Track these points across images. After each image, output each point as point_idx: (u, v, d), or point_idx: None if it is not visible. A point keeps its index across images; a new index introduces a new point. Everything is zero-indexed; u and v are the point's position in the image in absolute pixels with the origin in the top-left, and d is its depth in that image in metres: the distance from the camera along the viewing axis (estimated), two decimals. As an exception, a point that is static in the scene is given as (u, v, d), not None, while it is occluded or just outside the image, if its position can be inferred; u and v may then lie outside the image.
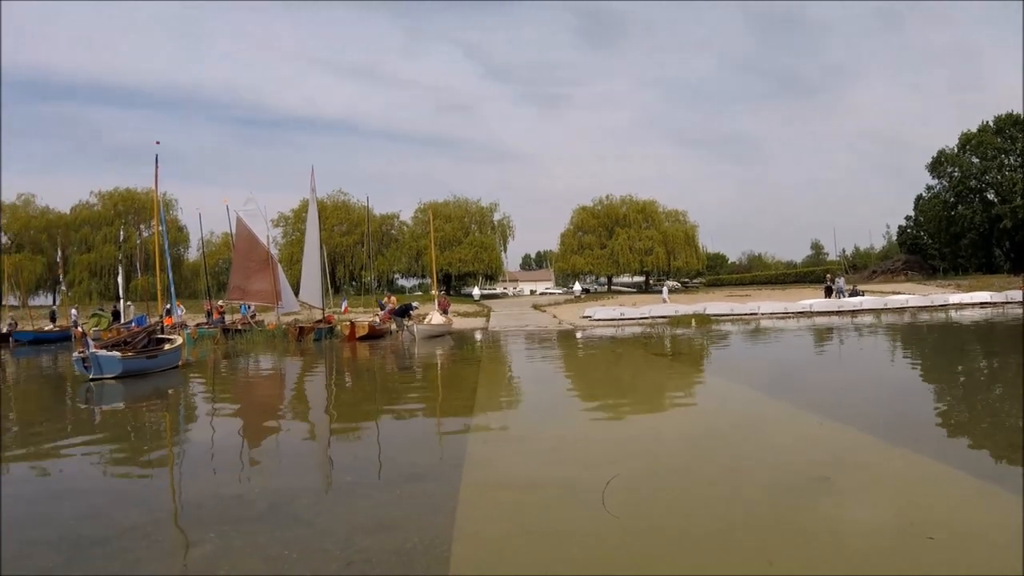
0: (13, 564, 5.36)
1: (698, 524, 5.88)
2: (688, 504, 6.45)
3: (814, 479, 7.00)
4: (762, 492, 6.67)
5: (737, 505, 6.32)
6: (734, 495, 6.63)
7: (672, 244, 74.19)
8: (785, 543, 5.34)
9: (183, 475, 8.76)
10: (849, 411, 10.46)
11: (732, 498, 6.54)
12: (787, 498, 6.47)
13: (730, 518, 5.98)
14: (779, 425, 10.16)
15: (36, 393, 18.67)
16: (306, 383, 19.41)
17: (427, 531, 5.77)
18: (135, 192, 69.91)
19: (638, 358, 21.47)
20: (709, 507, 6.33)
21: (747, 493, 6.66)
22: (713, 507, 6.31)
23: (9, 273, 56.29)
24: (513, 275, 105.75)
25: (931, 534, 5.38)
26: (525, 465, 8.27)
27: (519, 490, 7.10)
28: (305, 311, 37.61)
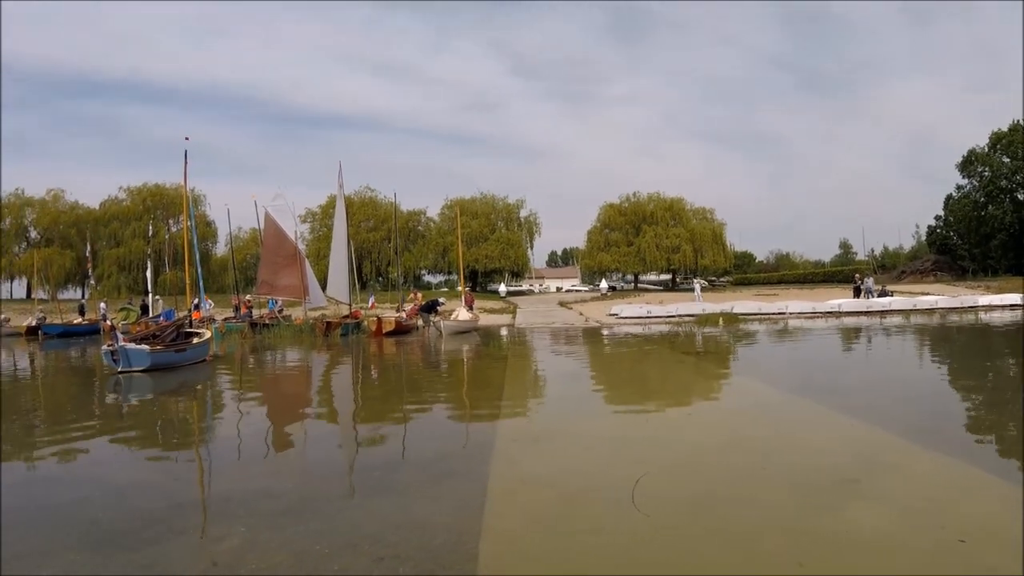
0: (40, 557, 5.38)
1: (727, 524, 5.81)
2: (717, 504, 6.37)
3: (843, 481, 6.91)
4: (791, 493, 6.59)
5: (766, 506, 6.24)
6: (762, 496, 6.55)
7: (699, 242, 73.74)
8: (814, 545, 5.27)
9: (210, 468, 8.79)
10: (878, 413, 10.35)
11: (761, 499, 6.46)
12: (816, 499, 6.38)
13: (759, 519, 5.91)
14: (807, 426, 10.04)
15: (65, 385, 18.87)
16: (333, 378, 19.50)
17: (455, 528, 5.75)
18: (164, 188, 70.63)
19: (665, 356, 21.34)
20: (738, 507, 6.24)
21: (776, 494, 6.58)
22: (742, 507, 6.24)
23: (38, 267, 57.09)
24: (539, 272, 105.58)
25: (962, 537, 5.30)
26: (553, 462, 8.23)
27: (547, 487, 7.05)
28: (332, 306, 37.79)
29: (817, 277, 79.35)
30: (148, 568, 5.06)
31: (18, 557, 5.38)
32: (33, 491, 7.59)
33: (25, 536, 5.86)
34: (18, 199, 69.60)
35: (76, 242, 66.04)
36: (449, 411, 12.85)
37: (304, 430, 11.43)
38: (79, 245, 62.84)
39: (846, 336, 26.03)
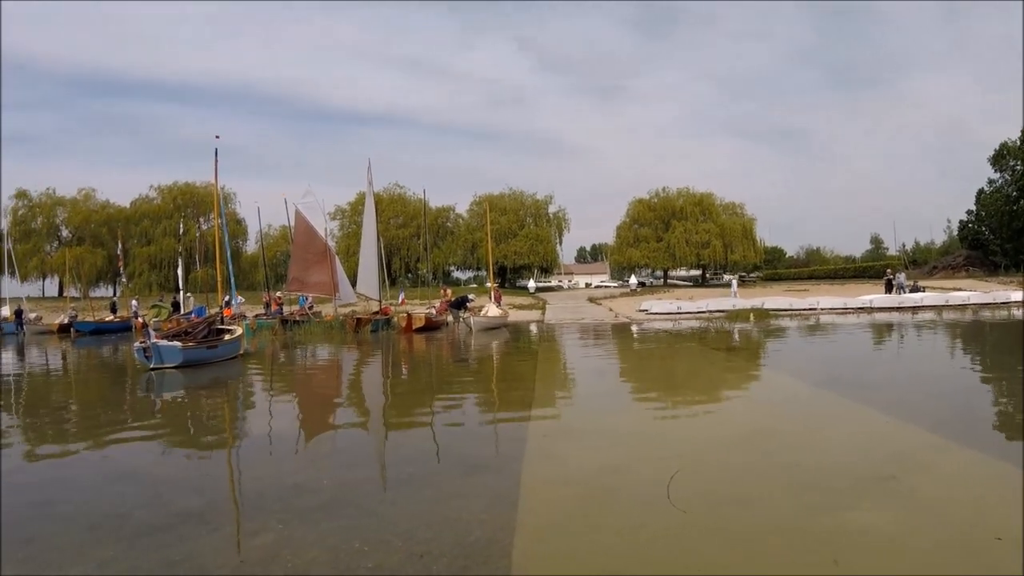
0: (74, 552, 5.40)
1: (763, 521, 5.70)
2: (752, 500, 6.26)
3: (879, 478, 6.79)
4: (826, 489, 6.46)
5: (801, 502, 6.14)
6: (798, 492, 6.44)
7: (729, 237, 73.28)
8: (850, 542, 5.15)
9: (243, 464, 8.81)
10: (912, 409, 10.24)
11: (796, 495, 6.36)
12: (851, 496, 6.24)
13: (794, 515, 5.82)
14: (841, 422, 9.88)
15: (97, 382, 19.08)
16: (364, 374, 19.54)
17: (489, 524, 5.69)
18: (194, 186, 71.34)
19: (696, 352, 21.17)
20: (773, 503, 6.15)
21: (811, 490, 6.46)
22: (777, 504, 6.14)
23: (70, 266, 57.85)
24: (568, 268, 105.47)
25: (998, 535, 5.16)
26: (586, 458, 8.14)
27: (581, 483, 6.98)
28: (362, 302, 37.94)
29: (848, 272, 78.39)
30: (181, 564, 5.05)
31: (52, 552, 5.40)
32: (67, 486, 7.64)
33: (59, 532, 5.88)
34: (50, 198, 70.58)
35: (107, 240, 66.93)
36: (480, 407, 12.80)
37: (336, 426, 11.45)
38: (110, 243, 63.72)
39: (878, 332, 25.72)
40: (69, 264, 58.10)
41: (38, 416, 13.09)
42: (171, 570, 4.95)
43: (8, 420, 12.77)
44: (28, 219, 69.55)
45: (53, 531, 5.90)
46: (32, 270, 65.70)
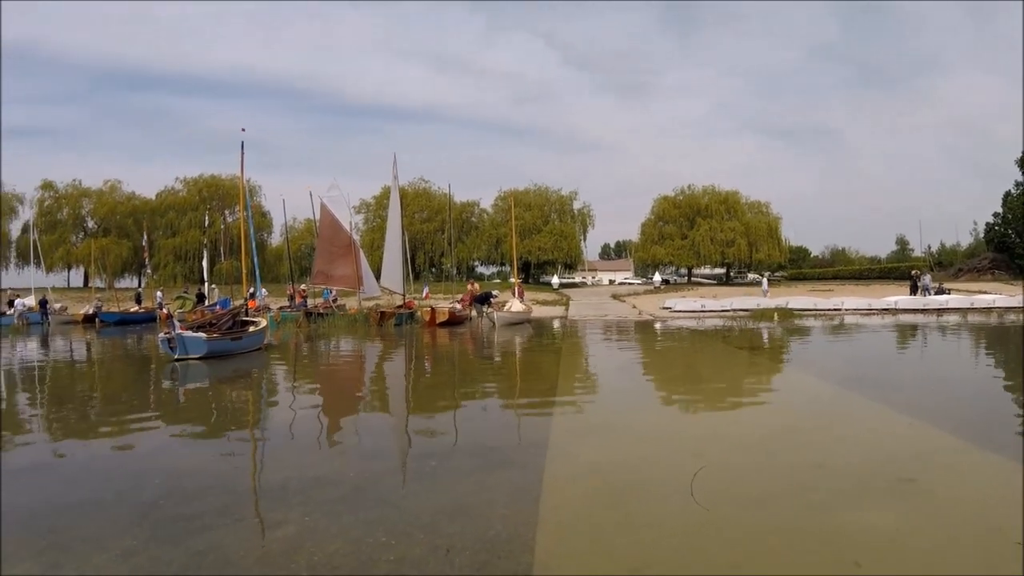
0: (96, 542, 5.42)
1: (786, 520, 5.66)
2: (774, 499, 6.21)
3: (899, 480, 6.72)
4: (847, 491, 6.40)
5: (822, 503, 6.07)
6: (819, 493, 6.37)
7: (754, 236, 72.83)
8: (870, 544, 5.09)
9: (265, 455, 8.84)
10: (934, 411, 10.15)
11: (817, 496, 6.29)
12: (872, 498, 6.17)
13: (816, 516, 5.77)
14: (863, 423, 9.77)
15: (121, 372, 19.21)
16: (387, 367, 19.59)
17: (511, 519, 5.67)
18: (219, 179, 71.85)
19: (719, 351, 21.03)
20: (796, 504, 6.10)
21: (832, 491, 6.39)
22: (800, 504, 6.09)
23: (95, 257, 58.44)
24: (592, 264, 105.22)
25: (1019, 539, 5.08)
26: (609, 454, 8.11)
27: (604, 479, 6.95)
28: (386, 296, 38.05)
29: (873, 273, 77.51)
30: (204, 555, 5.07)
31: (74, 542, 5.44)
32: (90, 476, 7.71)
33: (81, 521, 5.93)
34: (76, 190, 71.32)
35: (133, 232, 67.49)
36: (503, 401, 12.79)
37: (359, 418, 11.50)
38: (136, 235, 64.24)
39: (902, 334, 25.42)
40: (94, 255, 58.62)
41: (62, 406, 13.21)
42: (193, 560, 4.97)
43: (33, 410, 12.94)
44: (54, 210, 70.37)
45: (75, 521, 5.94)
46: (58, 261, 66.47)
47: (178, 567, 4.86)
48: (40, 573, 4.85)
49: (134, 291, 53.40)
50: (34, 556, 5.13)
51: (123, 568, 4.88)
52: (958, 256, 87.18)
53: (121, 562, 4.99)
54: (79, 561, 5.03)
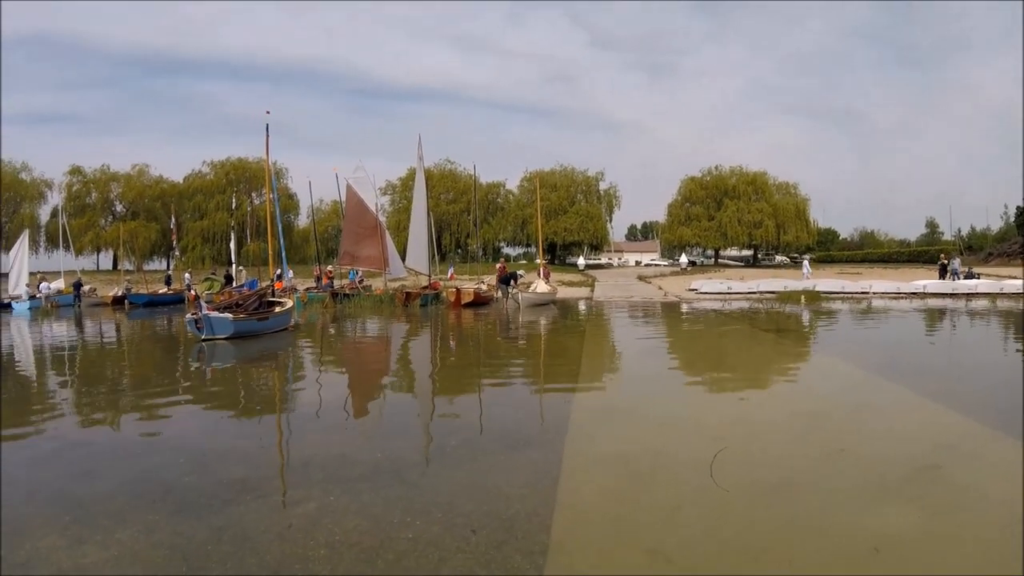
0: (118, 517, 5.53)
1: (805, 506, 5.64)
2: (795, 484, 6.18)
3: (924, 467, 6.66)
4: (869, 477, 6.33)
5: (843, 489, 6.02)
6: (840, 478, 6.32)
7: (782, 218, 72.08)
8: (891, 532, 5.04)
9: (289, 433, 8.94)
10: (960, 398, 9.98)
11: (839, 481, 6.24)
12: (895, 485, 6.11)
13: (837, 501, 5.72)
14: (888, 408, 9.67)
15: (150, 353, 19.46)
16: (411, 347, 19.68)
17: (529, 499, 5.70)
18: (246, 161, 72.27)
19: (744, 333, 20.90)
20: (816, 489, 6.07)
21: (854, 477, 6.34)
22: (820, 489, 6.05)
23: (124, 239, 59.17)
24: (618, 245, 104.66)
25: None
26: (630, 436, 8.11)
27: (623, 461, 6.95)
28: (412, 277, 38.18)
29: (902, 256, 76.38)
30: (225, 530, 5.15)
31: (98, 516, 5.55)
32: (116, 454, 7.84)
33: (106, 497, 6.04)
34: (104, 174, 72.21)
35: (161, 215, 68.24)
36: (526, 383, 12.81)
37: (382, 398, 11.57)
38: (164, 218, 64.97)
39: (930, 318, 25.08)
40: (123, 238, 59.36)
41: (91, 385, 13.43)
42: (214, 535, 5.05)
43: (62, 389, 13.17)
44: (82, 194, 71.30)
45: (100, 496, 6.06)
46: (87, 244, 67.30)
47: (199, 542, 4.94)
48: (64, 546, 4.94)
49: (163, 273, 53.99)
50: (59, 531, 5.23)
51: (145, 542, 4.98)
52: (988, 240, 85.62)
53: (144, 537, 5.08)
54: (102, 535, 5.12)
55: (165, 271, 57.08)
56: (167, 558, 4.72)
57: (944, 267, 41.57)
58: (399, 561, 4.55)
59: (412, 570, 4.42)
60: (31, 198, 69.74)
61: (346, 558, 4.62)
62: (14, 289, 40.52)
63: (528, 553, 4.64)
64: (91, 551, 4.84)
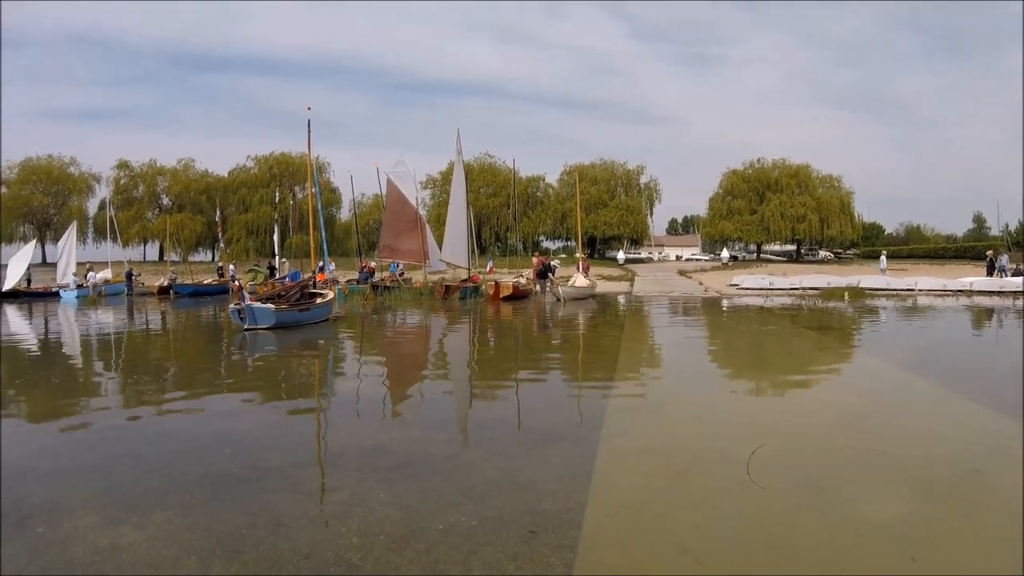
0: (156, 497, 5.67)
1: (840, 506, 5.54)
2: (832, 485, 6.07)
3: (964, 471, 6.49)
4: (907, 480, 6.22)
5: (880, 491, 5.91)
6: (878, 480, 6.22)
7: (826, 211, 70.70)
8: (928, 536, 4.97)
9: (327, 422, 9.06)
10: (1005, 400, 9.69)
11: (876, 483, 6.14)
12: (934, 488, 6.00)
13: (873, 504, 5.60)
14: (929, 410, 9.48)
15: (194, 341, 19.83)
16: (450, 340, 19.77)
17: (561, 494, 5.68)
18: (289, 156, 73.09)
19: (786, 330, 20.65)
20: (854, 489, 5.96)
21: (891, 479, 6.23)
22: (858, 490, 5.94)
23: (171, 231, 60.35)
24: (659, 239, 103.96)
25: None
26: (665, 433, 8.08)
27: (658, 458, 6.92)
28: (451, 270, 38.31)
29: (948, 252, 74.50)
30: (259, 515, 5.23)
31: (136, 497, 5.69)
32: (158, 438, 8.02)
33: (144, 479, 6.20)
34: (151, 168, 73.74)
35: (206, 208, 69.16)
36: (562, 376, 12.81)
37: (420, 389, 11.64)
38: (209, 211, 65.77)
39: (977, 317, 24.48)
40: (170, 230, 60.54)
41: (136, 370, 13.73)
42: (248, 520, 5.13)
43: (108, 374, 13.47)
44: (129, 188, 73.00)
45: (139, 478, 6.22)
46: (134, 236, 68.57)
47: (233, 526, 5.03)
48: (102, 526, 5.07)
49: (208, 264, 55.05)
50: (97, 510, 5.38)
51: (181, 524, 5.09)
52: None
53: (180, 519, 5.20)
54: (139, 515, 5.25)
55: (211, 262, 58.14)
56: (202, 540, 4.81)
57: (992, 264, 40.59)
58: (429, 552, 4.56)
59: (442, 561, 4.43)
60: (79, 191, 71.73)
61: (377, 546, 4.66)
62: (62, 278, 41.66)
63: (558, 548, 4.63)
64: (128, 531, 4.95)
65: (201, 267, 55.25)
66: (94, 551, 4.64)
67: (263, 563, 4.44)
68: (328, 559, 4.48)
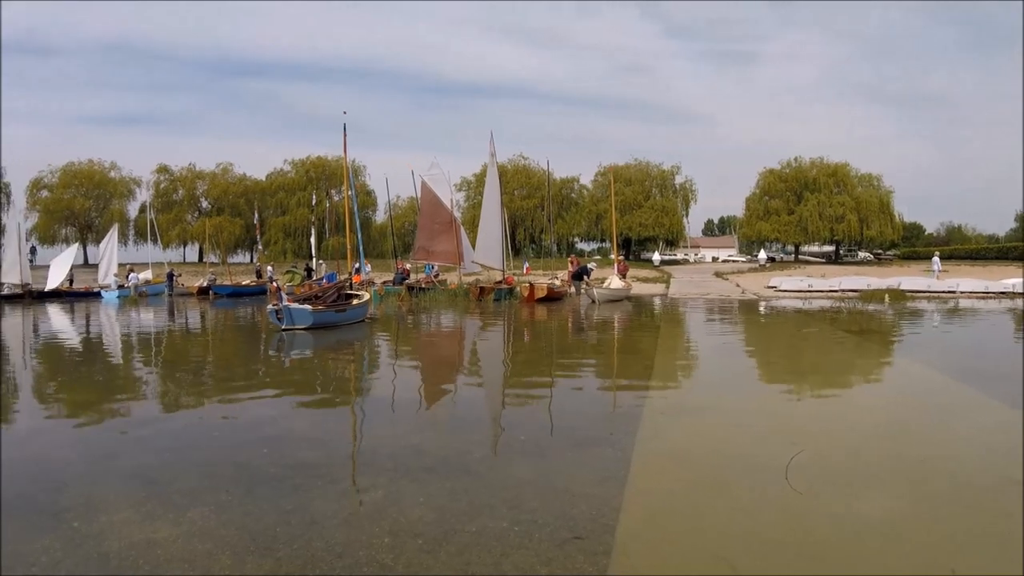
0: (192, 494, 5.72)
1: (880, 512, 5.40)
2: (871, 492, 5.94)
3: (1005, 480, 6.27)
4: (947, 488, 6.07)
5: (920, 499, 5.78)
6: (918, 488, 6.07)
7: (865, 211, 69.49)
8: (969, 546, 4.83)
9: (362, 422, 9.09)
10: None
11: (916, 491, 5.99)
12: (974, 498, 5.82)
13: (912, 512, 5.49)
14: (973, 417, 9.22)
15: (232, 341, 20.09)
16: (484, 341, 19.78)
17: (595, 498, 5.62)
18: (325, 159, 74.04)
19: (825, 334, 20.37)
20: (891, 497, 5.82)
21: (932, 488, 6.08)
22: (895, 497, 5.80)
23: (210, 234, 61.38)
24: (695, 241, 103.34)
25: None
26: (702, 438, 7.98)
27: (695, 463, 6.85)
28: (486, 272, 38.37)
29: (990, 253, 72.72)
30: (292, 513, 5.26)
31: (171, 494, 5.75)
32: (196, 435, 8.14)
33: (181, 476, 6.28)
34: (190, 172, 75.66)
35: (245, 211, 70.38)
36: (597, 379, 12.77)
37: (454, 390, 11.66)
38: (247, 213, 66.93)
39: (1020, 321, 23.85)
40: (209, 232, 61.61)
41: (175, 369, 13.93)
42: (282, 518, 5.16)
43: (148, 372, 13.67)
44: (169, 191, 74.89)
45: (176, 476, 6.29)
46: (174, 238, 70.05)
47: (267, 523, 5.07)
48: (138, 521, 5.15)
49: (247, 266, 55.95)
50: (133, 506, 5.45)
51: (215, 521, 5.14)
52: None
53: (214, 515, 5.25)
54: (175, 512, 5.31)
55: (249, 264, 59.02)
56: (236, 537, 4.84)
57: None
58: (461, 554, 4.54)
59: (473, 563, 4.41)
60: (120, 195, 73.62)
61: (409, 547, 4.65)
62: (104, 279, 42.66)
63: (591, 554, 4.57)
64: (163, 527, 5.01)
65: (240, 268, 56.04)
66: (129, 545, 4.70)
67: (296, 561, 4.46)
68: (360, 559, 4.48)
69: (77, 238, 67.52)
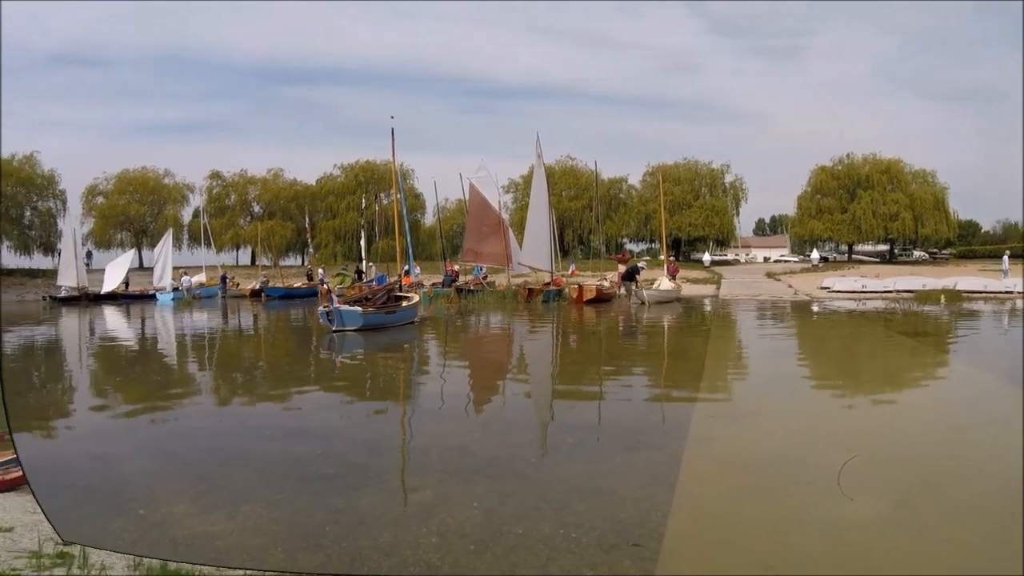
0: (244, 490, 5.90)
1: (932, 519, 5.36)
2: (923, 498, 5.86)
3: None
4: (1000, 495, 5.90)
5: (979, 511, 5.63)
6: (971, 495, 5.96)
7: (919, 209, 67.54)
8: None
9: (412, 423, 9.19)
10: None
11: (969, 498, 5.89)
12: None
13: (964, 519, 5.40)
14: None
15: (284, 342, 20.42)
16: (533, 343, 19.79)
17: (643, 503, 5.60)
18: (374, 164, 74.66)
19: (879, 336, 19.98)
20: (943, 503, 5.77)
21: (991, 499, 5.90)
22: (955, 509, 5.69)
23: (262, 237, 62.59)
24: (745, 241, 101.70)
25: None
26: (752, 443, 7.88)
27: (745, 469, 6.77)
28: (535, 274, 38.36)
29: (1049, 251, 70.27)
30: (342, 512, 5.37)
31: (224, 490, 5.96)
32: (249, 434, 8.34)
33: (234, 472, 6.49)
34: (242, 178, 77.09)
35: (296, 215, 71.46)
36: (647, 382, 12.70)
37: (503, 392, 11.72)
38: (298, 217, 68.04)
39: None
40: (261, 236, 62.78)
41: (229, 369, 14.22)
42: (331, 517, 5.26)
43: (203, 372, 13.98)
44: (222, 196, 76.28)
45: (231, 472, 6.50)
46: (227, 241, 71.46)
47: (317, 521, 5.18)
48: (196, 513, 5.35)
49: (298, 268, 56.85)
50: (189, 500, 5.65)
51: (267, 517, 5.28)
52: None
53: (266, 512, 5.39)
54: (228, 506, 5.48)
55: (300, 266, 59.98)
56: (286, 533, 4.97)
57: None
58: (507, 556, 4.58)
59: (520, 566, 4.44)
60: (174, 201, 74.98)
61: (456, 548, 4.70)
62: (159, 282, 43.68)
63: (638, 559, 4.56)
64: (218, 520, 5.18)
65: (291, 271, 56.91)
66: (191, 535, 4.90)
67: (345, 558, 4.55)
68: (408, 558, 4.54)
69: (132, 243, 69.24)
